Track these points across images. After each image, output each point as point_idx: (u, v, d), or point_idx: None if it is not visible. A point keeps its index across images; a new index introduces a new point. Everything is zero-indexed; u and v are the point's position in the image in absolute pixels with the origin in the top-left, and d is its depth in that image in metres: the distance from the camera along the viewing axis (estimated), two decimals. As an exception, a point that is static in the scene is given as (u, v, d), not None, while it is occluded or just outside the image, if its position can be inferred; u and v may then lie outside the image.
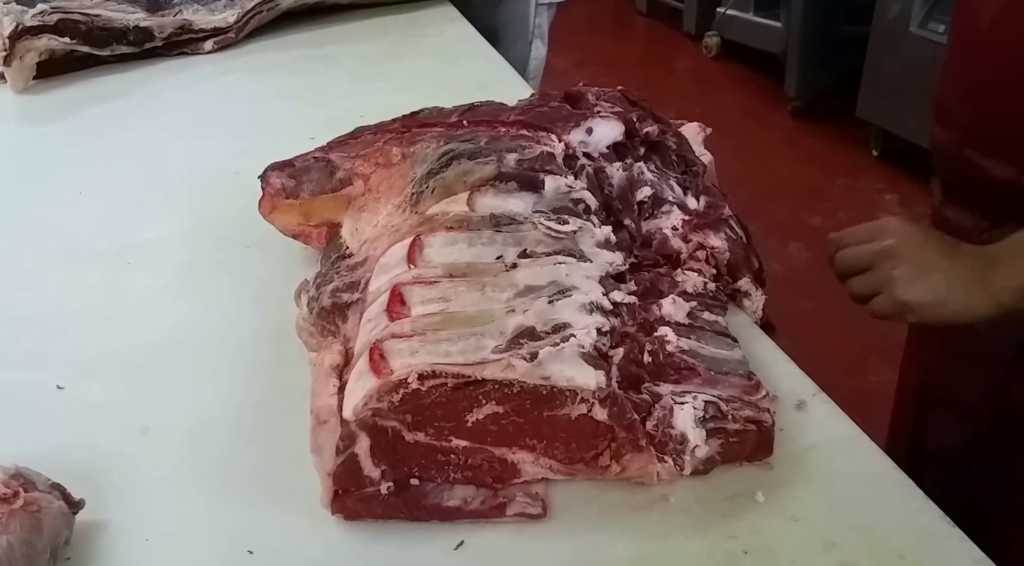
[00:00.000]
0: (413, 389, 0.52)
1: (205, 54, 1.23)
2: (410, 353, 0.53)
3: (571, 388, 0.52)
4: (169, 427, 0.63)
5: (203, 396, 0.66)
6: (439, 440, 0.54)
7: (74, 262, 0.82)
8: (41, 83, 1.18)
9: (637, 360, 0.57)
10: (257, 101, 1.11)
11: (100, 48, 1.19)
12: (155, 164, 0.98)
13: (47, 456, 0.56)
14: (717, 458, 0.55)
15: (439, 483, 0.55)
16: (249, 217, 0.76)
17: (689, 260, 0.69)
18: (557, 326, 0.54)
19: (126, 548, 0.55)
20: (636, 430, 0.53)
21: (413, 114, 0.78)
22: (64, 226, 0.89)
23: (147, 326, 0.73)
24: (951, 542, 0.51)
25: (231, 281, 0.78)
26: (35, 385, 0.68)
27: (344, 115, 0.85)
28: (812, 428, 0.58)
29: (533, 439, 0.54)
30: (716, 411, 0.55)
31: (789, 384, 0.62)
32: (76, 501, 0.54)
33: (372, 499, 0.54)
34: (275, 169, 0.76)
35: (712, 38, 3.29)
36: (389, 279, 0.60)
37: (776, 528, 0.52)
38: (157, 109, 1.12)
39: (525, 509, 0.54)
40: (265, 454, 0.60)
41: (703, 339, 0.61)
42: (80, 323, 0.74)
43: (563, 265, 0.59)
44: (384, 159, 0.72)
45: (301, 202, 0.74)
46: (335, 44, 1.23)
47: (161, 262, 0.81)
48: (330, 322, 0.63)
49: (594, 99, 0.76)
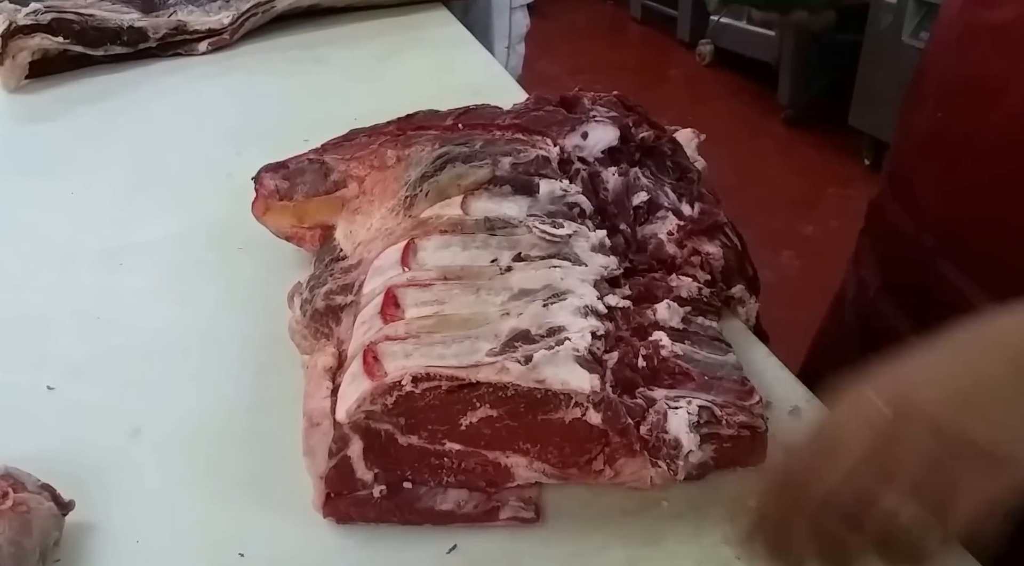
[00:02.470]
0: (407, 392, 0.51)
1: (199, 55, 1.23)
2: (404, 355, 0.53)
3: (565, 391, 0.52)
4: (160, 429, 0.63)
5: (195, 398, 0.65)
6: (432, 443, 0.53)
7: (65, 263, 0.82)
8: (34, 83, 1.17)
9: (631, 364, 0.57)
10: (251, 103, 1.11)
11: (94, 48, 1.19)
12: (148, 165, 0.98)
13: (37, 457, 0.56)
14: (711, 463, 0.55)
15: (432, 487, 0.54)
16: (242, 219, 0.76)
17: (684, 266, 0.69)
18: (552, 329, 0.54)
19: (116, 550, 0.54)
20: (630, 435, 0.53)
21: (408, 117, 0.78)
22: (56, 226, 0.88)
23: (139, 327, 0.73)
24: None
25: (223, 283, 0.78)
26: (25, 385, 0.67)
27: (338, 118, 0.84)
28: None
29: (527, 443, 0.54)
30: (710, 416, 0.55)
31: (783, 390, 0.62)
32: (66, 502, 0.54)
33: (365, 502, 0.53)
34: (269, 170, 0.76)
35: (706, 46, 3.31)
36: (383, 281, 0.60)
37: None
38: (151, 110, 1.11)
39: (518, 513, 0.53)
40: (257, 457, 0.60)
41: (697, 344, 0.61)
42: (71, 324, 0.74)
43: (558, 269, 0.59)
44: (379, 161, 0.72)
45: (295, 204, 0.74)
46: (330, 47, 1.23)
47: (153, 263, 0.81)
48: (323, 325, 0.63)
49: (589, 104, 0.76)
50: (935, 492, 0.38)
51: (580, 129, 0.72)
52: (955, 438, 0.39)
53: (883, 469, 0.39)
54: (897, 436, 0.39)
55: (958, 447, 0.38)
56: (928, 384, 0.40)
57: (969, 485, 0.38)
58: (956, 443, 0.38)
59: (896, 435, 0.39)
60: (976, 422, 0.39)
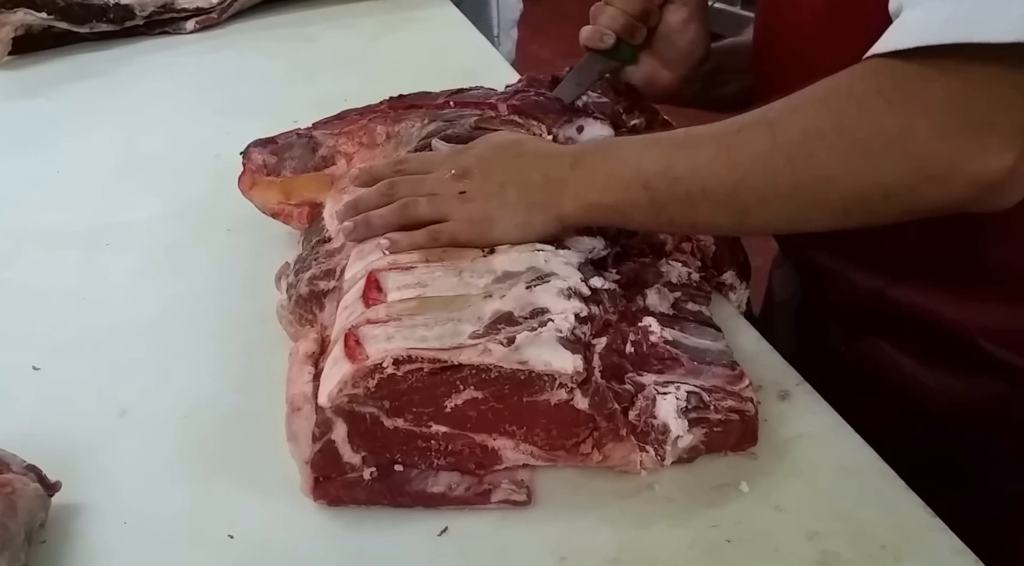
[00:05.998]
0: (389, 374, 0.51)
1: (187, 34, 1.21)
2: (386, 338, 0.52)
3: (548, 372, 0.52)
4: (148, 410, 0.62)
5: (182, 379, 0.65)
6: (418, 426, 0.53)
7: (51, 242, 0.81)
8: (17, 59, 1.15)
9: (620, 350, 0.57)
10: (239, 83, 1.09)
11: (79, 25, 1.16)
12: (135, 144, 0.97)
13: (22, 438, 0.55)
14: (701, 447, 0.55)
15: (423, 469, 0.54)
16: (230, 199, 0.75)
17: (675, 251, 0.69)
18: (535, 311, 0.54)
19: (103, 531, 0.54)
20: (617, 420, 0.53)
21: (400, 97, 0.77)
22: (41, 205, 0.87)
23: (126, 308, 0.72)
24: (932, 532, 0.51)
25: (211, 264, 0.77)
26: (10, 366, 0.66)
27: (329, 98, 0.83)
28: (796, 418, 0.58)
29: (513, 425, 0.53)
30: (699, 401, 0.55)
31: (773, 375, 0.62)
32: (52, 483, 0.54)
33: (355, 485, 0.53)
34: (257, 145, 0.75)
35: (697, 31, 3.29)
36: (365, 266, 0.59)
37: (759, 517, 0.52)
38: (137, 89, 1.10)
39: (510, 496, 0.53)
40: (246, 438, 0.59)
41: (687, 329, 0.61)
42: (57, 304, 0.73)
43: (541, 252, 0.59)
44: (368, 138, 0.71)
45: (282, 180, 0.73)
46: (319, 26, 1.21)
47: (140, 244, 0.80)
48: (307, 311, 0.63)
49: (582, 86, 0.76)
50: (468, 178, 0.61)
51: (576, 122, 0.72)
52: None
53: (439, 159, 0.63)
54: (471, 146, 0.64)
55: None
56: None
57: None
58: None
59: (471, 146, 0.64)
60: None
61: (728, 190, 0.54)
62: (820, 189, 0.52)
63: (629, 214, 0.58)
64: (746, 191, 0.54)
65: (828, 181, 0.52)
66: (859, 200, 0.52)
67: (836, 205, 0.52)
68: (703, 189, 0.55)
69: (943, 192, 0.50)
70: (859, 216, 0.53)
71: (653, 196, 0.56)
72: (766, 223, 0.57)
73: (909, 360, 0.69)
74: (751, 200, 0.54)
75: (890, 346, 0.70)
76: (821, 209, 0.53)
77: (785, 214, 0.55)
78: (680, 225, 0.60)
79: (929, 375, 0.68)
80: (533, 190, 0.59)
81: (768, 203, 0.54)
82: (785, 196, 0.53)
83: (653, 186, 0.56)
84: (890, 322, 0.69)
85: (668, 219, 0.58)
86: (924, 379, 0.69)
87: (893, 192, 0.51)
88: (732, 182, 0.54)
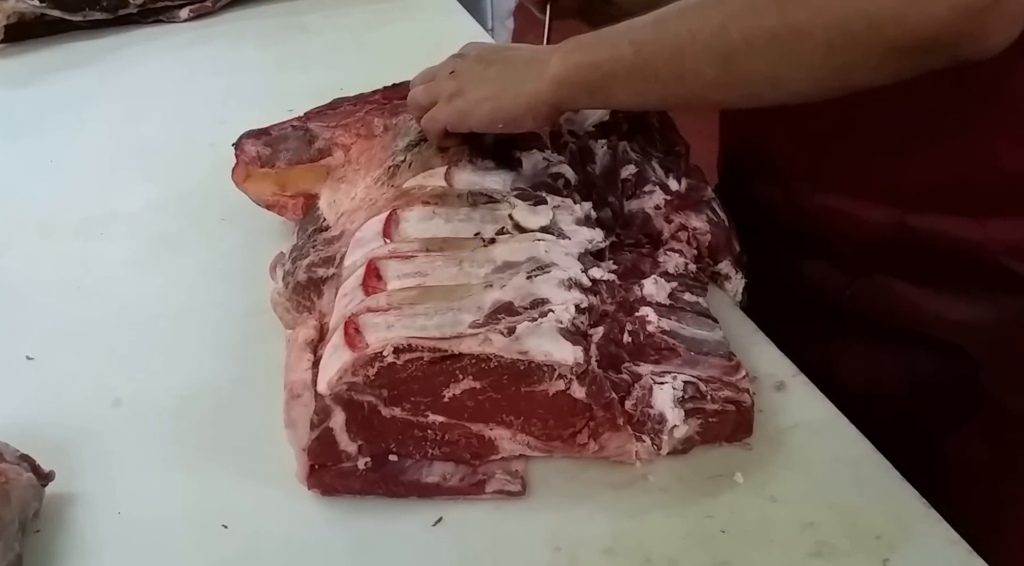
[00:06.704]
0: (389, 363, 0.51)
1: (181, 22, 1.20)
2: (386, 327, 0.52)
3: (548, 363, 0.51)
4: (142, 400, 0.62)
5: (176, 369, 0.65)
6: (416, 415, 0.53)
7: (45, 231, 0.81)
8: (10, 47, 1.15)
9: (617, 340, 0.57)
10: (234, 71, 1.09)
11: (72, 13, 1.16)
12: (128, 134, 0.96)
13: (16, 427, 0.55)
14: (696, 438, 0.55)
15: (418, 459, 0.54)
16: (225, 189, 0.75)
17: (671, 241, 0.68)
18: (535, 302, 0.54)
19: (97, 521, 0.54)
20: (614, 409, 0.53)
21: (394, 86, 0.77)
22: (35, 195, 0.87)
23: (120, 297, 0.72)
24: (927, 523, 0.51)
25: (206, 254, 0.77)
26: (4, 355, 0.66)
27: (323, 86, 0.83)
28: (791, 409, 0.58)
29: (510, 415, 0.53)
30: (695, 391, 0.55)
31: (769, 365, 0.61)
32: (46, 473, 0.53)
33: (350, 474, 0.53)
34: (250, 137, 0.75)
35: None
36: (365, 254, 0.59)
37: (754, 508, 0.52)
38: (131, 78, 1.09)
39: (504, 486, 0.53)
40: (240, 428, 0.59)
41: (684, 319, 0.61)
42: (51, 294, 0.73)
43: (542, 242, 0.59)
44: (366, 130, 0.71)
45: (276, 171, 0.72)
46: (314, 14, 1.21)
47: (134, 233, 0.80)
48: (305, 298, 0.62)
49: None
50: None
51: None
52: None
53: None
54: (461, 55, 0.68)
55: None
56: None
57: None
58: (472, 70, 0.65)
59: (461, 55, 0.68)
60: None
61: (715, 29, 0.55)
62: (804, 22, 0.52)
63: (613, 72, 0.58)
64: (734, 29, 0.54)
65: (812, 9, 0.52)
66: (842, 30, 0.52)
67: (819, 39, 0.52)
68: (690, 31, 0.56)
69: (926, 17, 0.49)
70: (841, 57, 0.52)
71: (639, 48, 0.57)
72: (751, 73, 0.56)
73: (925, 291, 0.68)
74: (737, 40, 0.54)
75: (902, 282, 0.69)
76: (804, 46, 0.53)
77: (769, 60, 0.54)
78: (666, 79, 0.58)
79: (949, 303, 0.67)
80: (515, 69, 0.63)
81: (753, 43, 0.54)
82: (770, 33, 0.53)
83: (640, 39, 0.57)
84: (905, 255, 0.68)
85: (654, 73, 0.57)
86: (940, 309, 0.68)
87: (877, 20, 0.51)
88: (719, 20, 0.54)
